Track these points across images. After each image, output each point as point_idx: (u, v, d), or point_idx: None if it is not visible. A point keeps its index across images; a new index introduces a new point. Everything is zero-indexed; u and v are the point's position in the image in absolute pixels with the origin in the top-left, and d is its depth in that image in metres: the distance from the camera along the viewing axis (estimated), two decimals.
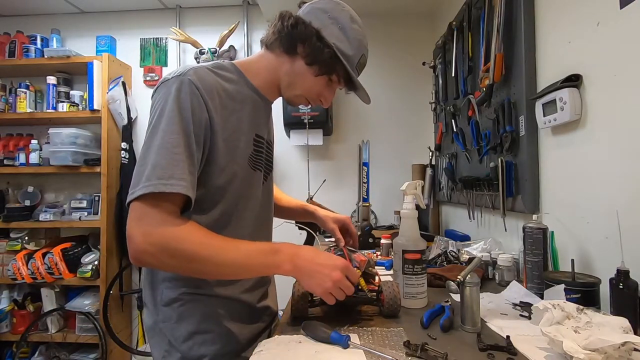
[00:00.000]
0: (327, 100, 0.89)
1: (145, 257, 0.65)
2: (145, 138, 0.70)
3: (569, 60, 1.03)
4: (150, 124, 0.70)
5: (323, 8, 0.82)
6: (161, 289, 0.79)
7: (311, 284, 0.72)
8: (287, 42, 0.80)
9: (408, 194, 0.98)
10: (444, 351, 0.62)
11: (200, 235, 0.68)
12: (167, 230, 0.65)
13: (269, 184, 0.91)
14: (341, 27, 0.81)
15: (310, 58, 0.80)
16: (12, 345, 2.31)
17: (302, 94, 0.85)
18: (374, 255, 1.56)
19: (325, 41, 0.79)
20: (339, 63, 0.81)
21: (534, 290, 0.95)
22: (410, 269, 0.88)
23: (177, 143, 0.67)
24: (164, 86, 0.72)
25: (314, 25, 0.79)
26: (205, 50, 2.38)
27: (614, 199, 0.87)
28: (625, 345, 0.54)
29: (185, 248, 0.65)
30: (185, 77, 0.71)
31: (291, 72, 0.83)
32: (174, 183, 0.65)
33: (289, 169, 2.49)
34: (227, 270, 0.70)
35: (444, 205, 2.19)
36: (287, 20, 0.79)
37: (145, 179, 0.64)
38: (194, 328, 0.77)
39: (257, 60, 0.86)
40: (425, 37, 2.41)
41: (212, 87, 0.74)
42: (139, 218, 0.64)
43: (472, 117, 1.57)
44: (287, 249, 0.72)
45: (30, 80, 2.43)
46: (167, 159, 0.66)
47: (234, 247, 0.69)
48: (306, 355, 0.65)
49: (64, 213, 2.40)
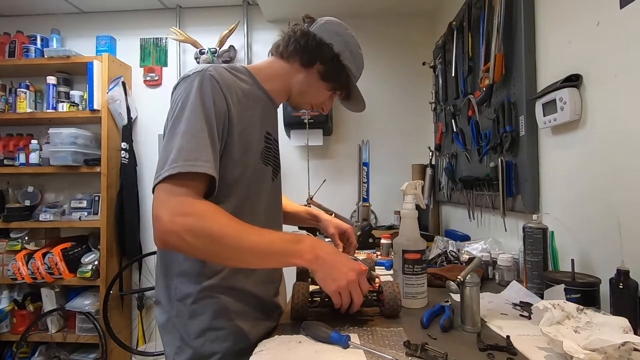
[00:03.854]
0: (327, 108, 1.01)
1: (172, 238, 0.65)
2: (168, 128, 0.72)
3: (569, 60, 1.03)
4: (173, 115, 0.73)
5: (337, 31, 0.92)
6: (175, 283, 0.80)
7: (326, 277, 0.72)
8: (308, 57, 0.89)
9: (408, 194, 0.98)
10: (444, 351, 0.62)
11: (225, 216, 0.69)
12: (194, 210, 0.66)
13: (279, 181, 0.95)
14: (351, 51, 0.92)
15: (327, 76, 0.91)
16: (12, 345, 2.31)
17: (309, 102, 0.96)
18: (374, 255, 1.56)
19: (343, 64, 0.91)
20: (350, 82, 0.95)
21: (534, 290, 0.95)
22: (410, 269, 0.88)
23: (201, 129, 0.70)
24: (184, 82, 0.76)
25: (335, 49, 0.89)
26: (205, 50, 2.38)
27: (614, 199, 0.87)
28: (625, 345, 0.54)
29: (210, 227, 0.66)
30: (206, 72, 0.75)
31: (305, 83, 0.91)
32: (201, 164, 0.67)
33: (289, 169, 2.49)
34: (249, 257, 0.70)
35: (444, 205, 2.19)
36: (312, 40, 0.88)
37: (171, 162, 0.66)
38: (206, 325, 0.78)
39: (269, 67, 0.92)
40: (425, 37, 2.41)
41: (230, 84, 0.79)
42: (165, 199, 0.66)
43: (472, 117, 1.57)
44: (310, 240, 0.74)
45: (30, 80, 2.43)
46: (193, 142, 0.69)
47: (257, 232, 0.70)
48: (306, 355, 0.65)
49: (64, 213, 2.40)
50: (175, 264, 0.80)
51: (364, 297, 0.77)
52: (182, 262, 0.79)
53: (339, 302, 0.73)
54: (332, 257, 0.73)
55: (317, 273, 0.72)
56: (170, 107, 0.77)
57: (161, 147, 0.73)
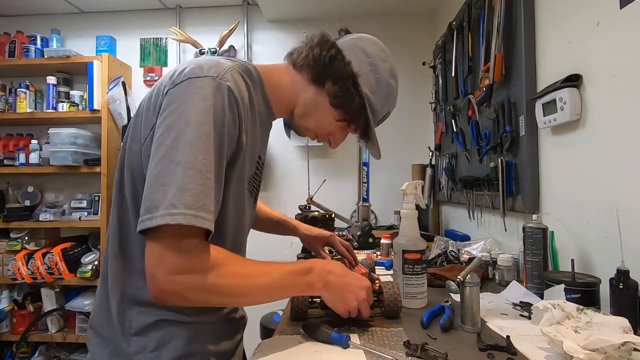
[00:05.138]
0: (336, 143, 0.83)
1: (170, 297, 0.56)
2: (164, 147, 0.56)
3: (569, 60, 1.03)
4: (171, 126, 0.57)
5: (366, 50, 0.75)
6: (130, 315, 0.64)
7: (336, 301, 0.72)
8: (317, 72, 0.73)
9: (408, 194, 0.98)
10: (444, 351, 0.62)
11: (230, 265, 0.60)
12: (195, 266, 0.56)
13: (255, 208, 0.83)
14: (378, 78, 0.75)
15: (338, 101, 0.74)
16: (12, 345, 2.31)
17: (313, 129, 0.79)
18: (374, 255, 1.56)
19: (359, 89, 0.74)
20: (365, 115, 0.76)
21: (534, 290, 0.95)
22: (410, 269, 0.88)
23: (210, 166, 0.56)
24: (189, 84, 0.59)
25: (353, 67, 0.73)
26: (205, 50, 2.38)
27: (614, 199, 0.87)
28: (625, 345, 0.54)
29: (214, 282, 0.57)
30: (224, 82, 0.60)
31: (310, 104, 0.76)
32: (204, 216, 0.55)
33: (289, 169, 2.49)
34: (260, 298, 0.65)
35: (444, 205, 2.19)
36: (327, 50, 0.72)
37: (170, 205, 0.53)
38: (179, 352, 0.65)
39: (280, 74, 0.77)
40: (425, 37, 2.41)
41: (245, 101, 0.65)
42: (162, 254, 0.54)
43: (472, 117, 1.57)
44: (318, 266, 0.70)
45: (30, 80, 2.43)
46: (199, 184, 0.55)
47: (265, 271, 0.64)
48: (306, 355, 0.65)
49: (64, 213, 2.40)
50: (133, 288, 0.65)
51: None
52: (143, 288, 0.60)
53: (346, 316, 0.74)
54: (341, 280, 0.71)
55: (328, 297, 0.72)
56: (161, 111, 0.59)
57: (150, 171, 0.56)
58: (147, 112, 0.64)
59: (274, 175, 2.50)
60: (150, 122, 0.62)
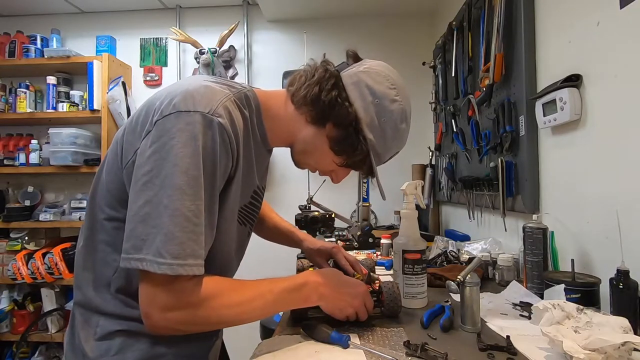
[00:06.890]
0: (338, 179, 0.79)
1: (164, 332, 0.58)
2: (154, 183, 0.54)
3: (569, 60, 1.03)
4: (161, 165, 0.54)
5: (373, 89, 0.68)
6: (95, 322, 0.63)
7: (334, 309, 0.73)
8: (317, 113, 0.68)
9: (408, 194, 0.98)
10: (444, 351, 0.62)
11: (221, 298, 0.59)
12: (185, 302, 0.57)
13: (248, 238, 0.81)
14: (384, 122, 0.69)
15: (339, 147, 0.70)
16: (12, 345, 2.31)
17: (313, 165, 0.77)
18: (374, 255, 1.56)
19: (363, 135, 0.69)
20: (368, 160, 0.72)
21: (534, 290, 0.95)
22: (410, 269, 0.88)
23: (198, 211, 0.55)
24: (179, 119, 0.55)
25: (357, 110, 0.67)
26: (205, 50, 2.38)
27: (614, 199, 0.87)
28: (625, 345, 0.54)
29: (206, 315, 0.58)
30: (215, 117, 0.57)
31: (310, 143, 0.71)
32: (192, 263, 0.54)
33: (289, 169, 2.48)
34: (256, 319, 0.66)
35: (444, 205, 2.19)
36: (328, 91, 0.66)
37: (156, 252, 0.52)
38: (144, 354, 0.63)
39: (280, 104, 0.72)
40: (425, 37, 2.41)
41: (240, 133, 0.62)
42: (154, 294, 0.55)
43: (472, 117, 1.57)
44: (311, 279, 0.70)
45: (30, 80, 2.43)
46: (187, 231, 0.54)
47: (258, 294, 0.63)
48: (306, 355, 0.65)
49: (64, 213, 2.40)
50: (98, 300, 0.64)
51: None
52: (110, 300, 0.63)
53: (343, 320, 0.75)
54: (335, 291, 0.73)
55: (324, 307, 0.73)
56: (151, 143, 0.55)
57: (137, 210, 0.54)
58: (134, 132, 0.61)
59: (274, 175, 2.50)
60: (134, 144, 0.60)
